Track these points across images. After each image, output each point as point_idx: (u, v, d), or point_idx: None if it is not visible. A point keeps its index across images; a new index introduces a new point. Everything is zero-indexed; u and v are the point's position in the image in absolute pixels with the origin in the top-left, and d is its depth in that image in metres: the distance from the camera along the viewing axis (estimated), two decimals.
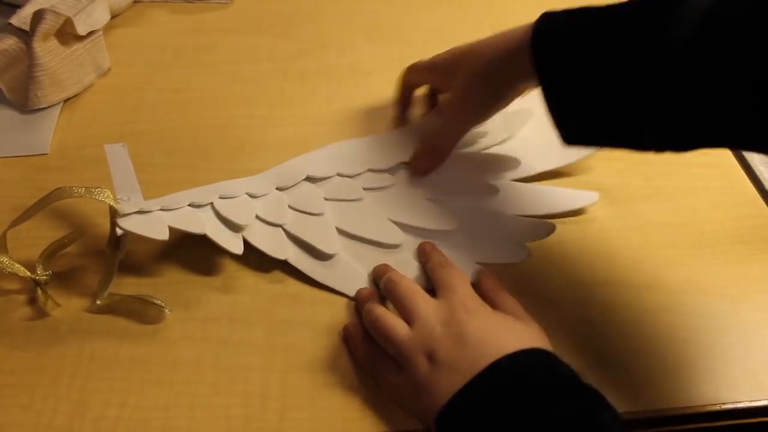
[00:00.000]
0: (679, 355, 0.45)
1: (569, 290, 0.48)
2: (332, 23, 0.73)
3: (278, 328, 0.45)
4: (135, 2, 0.73)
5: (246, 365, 0.43)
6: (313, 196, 0.51)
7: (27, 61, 0.59)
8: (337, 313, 0.46)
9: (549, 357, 0.39)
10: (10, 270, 0.45)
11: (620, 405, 0.37)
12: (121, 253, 0.47)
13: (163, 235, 0.45)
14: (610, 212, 0.47)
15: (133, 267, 0.48)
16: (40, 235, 0.49)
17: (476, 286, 0.46)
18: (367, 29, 0.72)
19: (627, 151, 0.41)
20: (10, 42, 0.61)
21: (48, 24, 0.58)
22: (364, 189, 0.52)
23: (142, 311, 0.46)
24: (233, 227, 0.48)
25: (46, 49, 0.59)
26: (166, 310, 0.45)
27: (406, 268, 0.48)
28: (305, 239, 0.48)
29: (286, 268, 0.49)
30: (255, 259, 0.49)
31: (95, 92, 0.63)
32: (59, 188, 0.45)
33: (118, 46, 0.68)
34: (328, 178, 0.53)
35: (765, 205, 0.55)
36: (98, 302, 0.45)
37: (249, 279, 0.48)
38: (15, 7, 0.66)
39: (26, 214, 0.46)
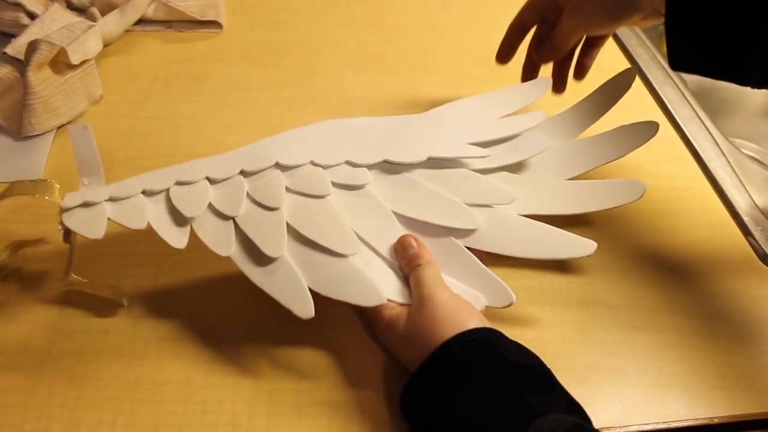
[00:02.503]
0: (653, 372, 0.46)
1: (547, 309, 0.50)
2: (319, 52, 0.75)
3: (265, 348, 0.47)
4: (127, 31, 0.75)
5: (234, 384, 0.44)
6: (275, 185, 0.47)
7: (21, 90, 0.61)
8: (325, 332, 0.48)
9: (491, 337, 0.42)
10: None
11: (595, 422, 0.38)
12: (74, 240, 0.47)
13: (98, 234, 0.44)
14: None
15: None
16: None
17: None
18: (353, 58, 0.74)
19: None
20: (5, 71, 0.63)
21: (42, 54, 0.60)
22: (334, 184, 0.49)
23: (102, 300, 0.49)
24: (181, 219, 0.45)
25: (40, 78, 0.61)
26: (124, 301, 0.48)
27: (348, 277, 0.45)
28: (250, 236, 0.45)
29: None
30: (244, 279, 0.50)
31: (87, 119, 0.64)
32: (13, 183, 0.47)
33: (110, 74, 0.69)
34: (299, 166, 0.49)
35: (736, 227, 0.57)
36: (60, 284, 0.48)
37: (237, 300, 0.49)
38: (10, 36, 0.68)
39: None
